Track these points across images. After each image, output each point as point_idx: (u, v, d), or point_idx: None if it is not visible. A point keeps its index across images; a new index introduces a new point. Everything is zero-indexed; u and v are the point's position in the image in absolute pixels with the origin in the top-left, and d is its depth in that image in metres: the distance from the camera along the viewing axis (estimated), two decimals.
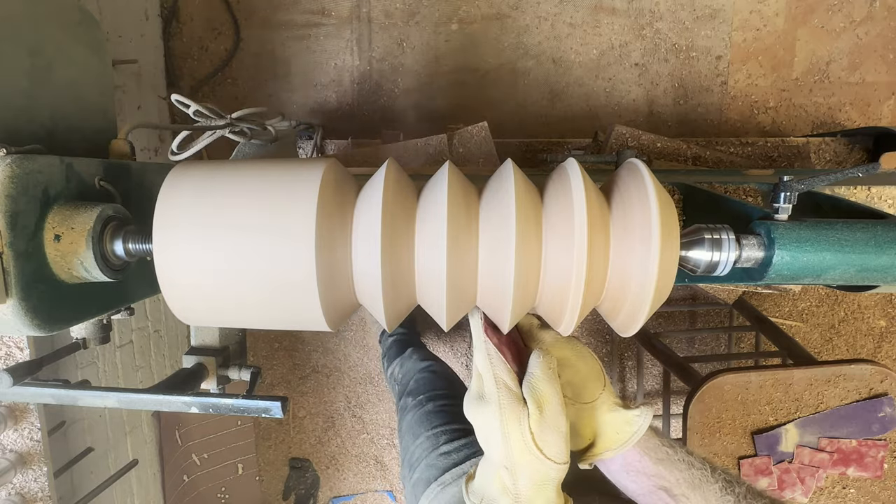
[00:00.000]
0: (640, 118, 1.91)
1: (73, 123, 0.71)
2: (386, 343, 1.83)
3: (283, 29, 1.86)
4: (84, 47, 0.73)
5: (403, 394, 1.27)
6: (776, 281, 0.56)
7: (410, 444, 1.05)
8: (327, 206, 0.50)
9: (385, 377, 1.73)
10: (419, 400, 1.15)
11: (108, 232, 0.56)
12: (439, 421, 1.04)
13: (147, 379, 1.75)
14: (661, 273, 0.46)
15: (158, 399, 0.68)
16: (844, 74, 1.87)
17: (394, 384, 1.50)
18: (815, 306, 2.08)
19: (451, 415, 1.07)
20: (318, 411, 2.22)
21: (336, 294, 0.52)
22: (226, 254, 0.50)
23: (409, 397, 1.20)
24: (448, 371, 1.37)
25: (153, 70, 1.77)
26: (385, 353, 1.79)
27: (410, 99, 1.91)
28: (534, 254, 0.49)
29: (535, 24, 1.86)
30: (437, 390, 1.19)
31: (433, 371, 1.32)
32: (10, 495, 1.13)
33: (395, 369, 1.52)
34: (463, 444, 0.95)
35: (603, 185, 0.56)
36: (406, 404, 1.19)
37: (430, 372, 1.32)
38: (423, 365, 1.37)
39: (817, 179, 0.55)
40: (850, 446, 1.28)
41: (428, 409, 1.10)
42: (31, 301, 0.51)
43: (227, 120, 0.91)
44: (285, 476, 2.28)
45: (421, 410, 1.11)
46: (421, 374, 1.31)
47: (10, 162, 0.50)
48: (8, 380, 0.65)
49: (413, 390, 1.23)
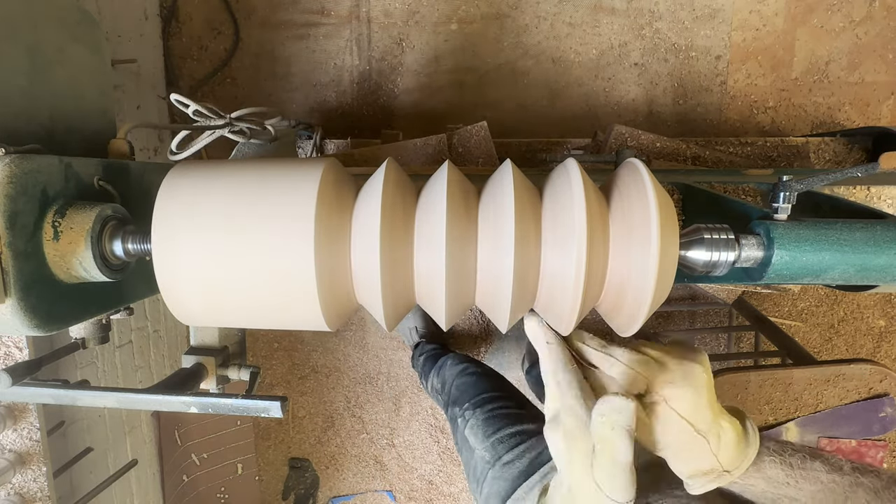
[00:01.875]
0: (639, 118, 1.91)
1: (72, 123, 0.71)
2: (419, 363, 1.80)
3: (283, 28, 1.86)
4: (83, 47, 0.73)
5: (449, 404, 1.24)
6: (775, 281, 0.56)
7: (470, 458, 1.03)
8: (327, 206, 0.50)
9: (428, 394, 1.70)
10: (466, 408, 1.13)
11: (107, 232, 0.56)
12: (492, 429, 1.02)
13: (146, 379, 1.75)
14: (660, 273, 0.46)
15: (158, 399, 0.68)
16: (844, 74, 1.87)
17: (436, 396, 1.47)
18: (815, 306, 2.08)
19: (502, 418, 1.05)
20: (317, 411, 2.22)
21: (335, 294, 0.52)
22: (225, 254, 0.50)
23: (455, 407, 1.17)
24: (487, 369, 1.33)
25: (152, 70, 1.77)
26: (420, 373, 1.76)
27: (410, 99, 1.91)
28: (533, 253, 0.49)
29: (535, 24, 1.86)
30: (481, 394, 1.16)
31: (471, 373, 1.29)
32: (10, 495, 1.13)
33: (433, 381, 1.49)
34: (524, 450, 0.94)
35: (602, 185, 0.56)
36: (454, 415, 1.17)
37: (468, 375, 1.29)
38: (459, 369, 1.34)
39: (816, 179, 0.55)
40: (850, 446, 1.28)
41: (479, 418, 1.08)
42: (30, 301, 0.51)
43: (226, 120, 0.91)
44: (285, 476, 2.28)
45: (472, 420, 1.09)
46: (460, 380, 1.28)
47: (9, 162, 0.50)
48: (7, 380, 0.65)
49: (457, 399, 1.20)
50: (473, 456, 1.02)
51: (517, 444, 0.96)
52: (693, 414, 0.50)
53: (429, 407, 2.19)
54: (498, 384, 1.24)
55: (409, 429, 2.22)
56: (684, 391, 0.50)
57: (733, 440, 0.52)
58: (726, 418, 0.53)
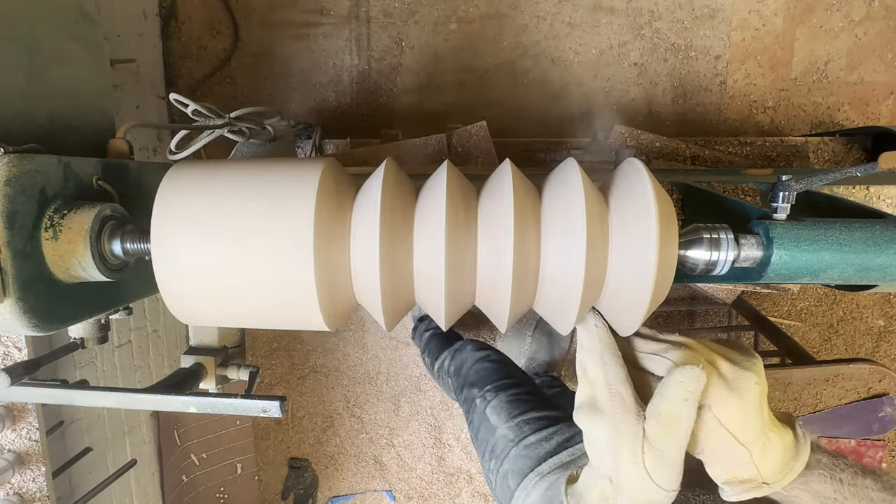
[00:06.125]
0: (638, 118, 1.91)
1: (71, 123, 0.71)
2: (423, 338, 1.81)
3: (282, 28, 1.86)
4: (82, 46, 0.73)
5: (465, 386, 1.25)
6: (775, 280, 0.56)
7: (489, 435, 1.03)
8: (326, 206, 0.50)
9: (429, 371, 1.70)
10: (487, 390, 1.14)
11: (106, 231, 0.56)
12: (517, 411, 1.03)
13: (146, 379, 1.75)
14: (659, 272, 0.46)
15: (157, 399, 0.68)
16: (843, 74, 1.87)
17: (445, 377, 1.48)
18: (814, 306, 2.08)
19: (526, 402, 1.05)
20: (316, 411, 2.22)
21: (335, 293, 0.52)
22: (224, 253, 0.50)
23: (474, 388, 1.18)
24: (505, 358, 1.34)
25: (152, 69, 1.76)
26: (424, 349, 1.77)
27: (409, 98, 1.91)
28: (532, 253, 0.49)
29: (534, 24, 1.86)
30: (503, 379, 1.17)
31: (493, 361, 1.30)
32: (9, 495, 1.13)
33: (444, 362, 1.50)
34: (552, 433, 0.94)
35: (602, 185, 0.55)
36: (471, 395, 1.18)
37: (490, 362, 1.29)
38: (480, 355, 1.34)
39: (816, 179, 0.55)
40: (849, 446, 1.28)
41: (502, 400, 1.08)
42: (29, 301, 0.51)
43: (225, 119, 0.91)
44: (284, 476, 2.28)
45: (494, 401, 1.09)
46: (481, 365, 1.29)
47: (8, 161, 0.50)
48: (6, 380, 0.65)
49: (476, 381, 1.21)
50: (494, 434, 1.02)
51: (543, 427, 0.96)
52: (738, 425, 0.48)
53: (428, 407, 2.20)
54: (518, 373, 1.25)
55: (408, 429, 2.22)
56: (731, 400, 0.48)
57: (779, 453, 0.50)
58: (776, 430, 0.50)
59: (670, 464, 0.47)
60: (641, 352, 0.53)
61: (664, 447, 0.46)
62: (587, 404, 0.51)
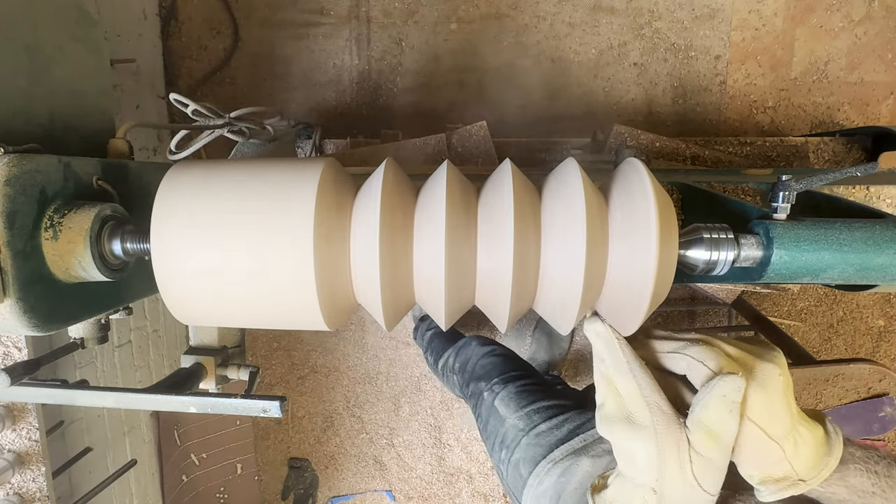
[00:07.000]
0: (638, 117, 1.91)
1: (71, 123, 0.71)
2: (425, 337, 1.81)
3: (282, 28, 1.86)
4: (82, 46, 0.73)
5: (471, 380, 1.26)
6: (775, 280, 0.56)
7: (499, 426, 1.04)
8: (326, 206, 0.50)
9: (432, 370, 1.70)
10: (494, 383, 1.15)
11: (106, 231, 0.56)
12: (526, 401, 1.04)
13: (146, 379, 1.75)
14: (659, 272, 0.46)
15: (157, 399, 0.68)
16: (843, 74, 1.87)
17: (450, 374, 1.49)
18: (814, 306, 2.08)
19: (535, 392, 1.06)
20: (316, 411, 2.22)
21: (335, 293, 0.52)
22: (224, 253, 0.50)
23: (482, 382, 1.19)
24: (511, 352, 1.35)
25: (152, 69, 1.76)
26: (427, 348, 1.77)
27: (409, 98, 1.91)
28: (532, 253, 0.49)
29: (534, 24, 1.86)
30: (511, 371, 1.18)
31: (499, 355, 1.31)
32: (9, 495, 1.13)
33: (448, 359, 1.51)
34: (562, 421, 0.95)
35: (601, 185, 0.55)
36: (478, 389, 1.18)
37: (496, 356, 1.30)
38: (486, 349, 1.35)
39: (816, 179, 0.55)
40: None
41: (510, 391, 1.09)
42: (29, 301, 0.51)
43: (225, 119, 0.91)
44: (284, 476, 2.28)
45: (503, 392, 1.10)
46: (487, 359, 1.30)
47: (8, 161, 0.50)
48: (6, 379, 0.65)
49: (483, 375, 1.22)
50: (504, 424, 1.03)
51: (554, 416, 0.97)
52: (767, 419, 0.48)
53: (428, 407, 2.20)
54: (525, 364, 1.26)
55: (408, 428, 2.22)
56: (757, 394, 0.48)
57: (811, 448, 0.49)
58: (805, 424, 0.50)
59: (719, 470, 0.47)
60: (660, 352, 0.53)
61: (712, 455, 0.46)
62: (620, 418, 0.50)
